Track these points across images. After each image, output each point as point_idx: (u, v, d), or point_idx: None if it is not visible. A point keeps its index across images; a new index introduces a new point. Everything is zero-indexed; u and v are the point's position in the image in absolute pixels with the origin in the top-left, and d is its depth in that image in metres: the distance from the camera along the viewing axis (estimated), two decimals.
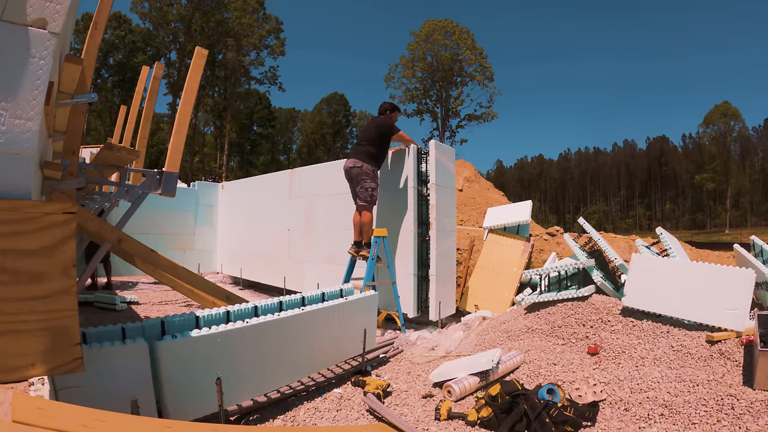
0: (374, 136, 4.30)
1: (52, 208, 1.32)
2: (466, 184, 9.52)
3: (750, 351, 2.70)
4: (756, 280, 3.66)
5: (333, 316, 3.01)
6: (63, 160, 2.40)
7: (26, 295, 1.27)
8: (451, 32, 36.09)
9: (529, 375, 2.94)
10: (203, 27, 32.58)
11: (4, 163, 1.28)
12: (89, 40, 2.54)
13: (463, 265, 6.15)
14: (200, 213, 8.74)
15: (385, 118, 4.52)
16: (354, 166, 4.18)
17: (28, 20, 1.29)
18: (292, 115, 50.47)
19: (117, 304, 5.32)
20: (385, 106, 4.63)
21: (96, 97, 2.01)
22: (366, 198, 4.17)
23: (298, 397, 2.79)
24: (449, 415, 2.45)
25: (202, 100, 34.66)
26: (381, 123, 4.43)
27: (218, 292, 3.97)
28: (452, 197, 4.94)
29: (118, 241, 3.35)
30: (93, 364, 1.76)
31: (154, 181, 2.92)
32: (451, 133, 37.79)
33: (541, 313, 3.86)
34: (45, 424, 0.97)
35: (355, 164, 4.17)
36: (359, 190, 4.18)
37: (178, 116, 3.26)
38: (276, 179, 7.10)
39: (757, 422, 2.12)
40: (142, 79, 5.95)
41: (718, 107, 52.79)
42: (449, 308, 4.75)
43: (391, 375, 3.27)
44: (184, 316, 2.40)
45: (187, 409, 2.12)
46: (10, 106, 1.29)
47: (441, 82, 37.17)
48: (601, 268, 4.30)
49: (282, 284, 6.34)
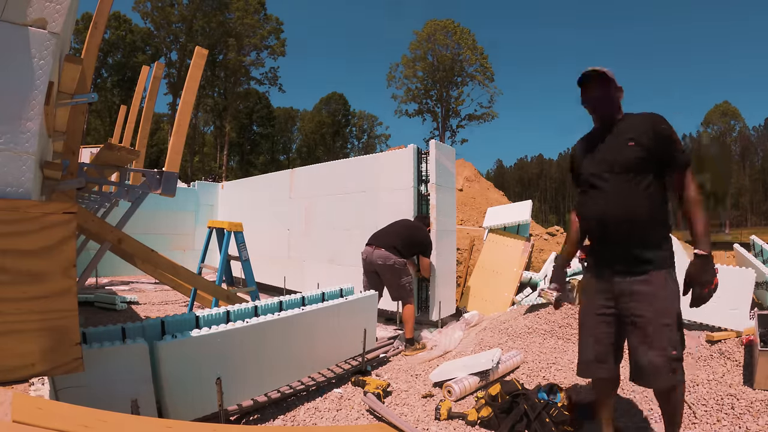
0: (408, 242, 3.92)
1: (52, 208, 1.32)
2: (466, 184, 9.53)
3: (750, 351, 2.70)
4: (756, 280, 3.67)
5: (333, 316, 3.01)
6: (63, 160, 2.40)
7: (26, 295, 1.27)
8: (453, 32, 36.13)
9: (529, 375, 2.94)
10: (204, 27, 32.60)
11: (4, 163, 1.28)
12: (89, 39, 2.54)
13: (463, 265, 6.15)
14: (200, 213, 8.75)
15: (425, 231, 4.20)
16: (385, 263, 3.78)
17: (28, 20, 1.29)
18: (291, 114, 50.40)
19: (117, 304, 5.32)
20: (426, 221, 4.36)
21: (96, 97, 2.01)
22: (405, 295, 3.87)
23: (299, 396, 2.79)
24: (449, 414, 2.45)
25: (202, 100, 34.66)
26: (421, 236, 4.09)
27: (218, 292, 3.97)
28: (452, 197, 4.95)
29: (118, 241, 3.35)
30: (93, 364, 1.76)
31: (154, 181, 2.91)
32: (451, 133, 37.86)
33: (541, 313, 3.86)
34: (45, 424, 0.97)
35: (386, 260, 3.78)
36: (397, 289, 3.87)
37: (178, 116, 3.26)
38: (276, 179, 7.11)
39: (757, 422, 2.12)
40: (142, 79, 5.95)
41: (718, 107, 52.74)
42: (449, 308, 4.76)
43: (391, 375, 3.27)
44: (184, 316, 2.40)
45: (187, 409, 2.12)
46: (10, 106, 1.29)
47: (442, 82, 37.19)
48: None
49: (282, 284, 6.34)
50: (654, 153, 1.75)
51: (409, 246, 3.93)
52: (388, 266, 3.78)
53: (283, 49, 36.63)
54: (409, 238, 3.96)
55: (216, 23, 32.83)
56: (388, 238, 3.90)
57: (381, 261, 3.79)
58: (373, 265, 3.84)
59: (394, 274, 3.81)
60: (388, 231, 4.01)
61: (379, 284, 3.93)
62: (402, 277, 3.83)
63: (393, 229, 4.02)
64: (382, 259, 3.79)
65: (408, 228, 4.08)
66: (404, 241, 3.90)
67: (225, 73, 35.61)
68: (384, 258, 3.78)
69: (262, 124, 44.29)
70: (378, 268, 3.84)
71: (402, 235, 3.94)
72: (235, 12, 33.53)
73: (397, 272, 3.81)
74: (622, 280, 1.79)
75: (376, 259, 3.80)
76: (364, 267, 3.95)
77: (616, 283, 1.81)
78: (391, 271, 3.80)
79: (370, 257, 3.85)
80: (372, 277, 3.92)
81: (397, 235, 3.92)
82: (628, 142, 1.79)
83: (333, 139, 48.89)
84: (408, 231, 4.03)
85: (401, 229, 4.04)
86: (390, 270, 3.80)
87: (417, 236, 4.04)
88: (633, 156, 1.76)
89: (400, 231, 4.00)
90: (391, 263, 3.78)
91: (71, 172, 2.41)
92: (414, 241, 3.99)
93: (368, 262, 3.88)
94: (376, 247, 3.84)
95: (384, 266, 3.79)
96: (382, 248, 3.82)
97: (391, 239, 3.88)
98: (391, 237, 3.91)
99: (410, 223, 4.22)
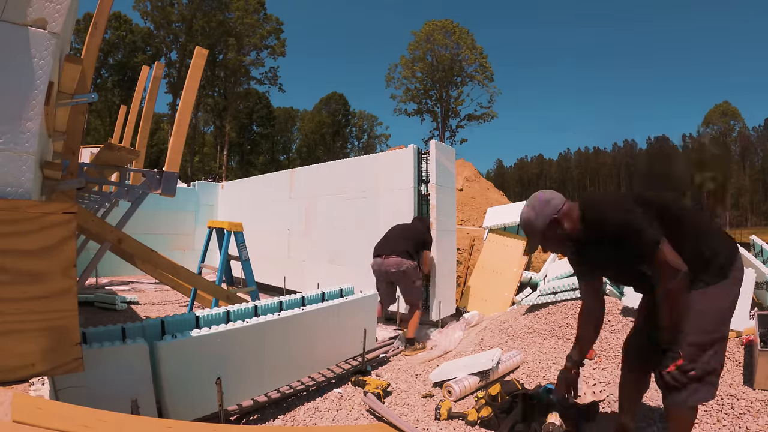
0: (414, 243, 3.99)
1: (52, 208, 1.32)
2: (466, 184, 9.53)
3: (750, 351, 2.70)
4: (756, 280, 3.67)
5: (333, 316, 3.01)
6: (63, 160, 2.40)
7: (26, 295, 1.27)
8: (452, 32, 36.12)
9: (529, 375, 2.94)
10: (204, 27, 32.60)
11: (4, 163, 1.28)
12: (89, 39, 2.54)
13: (463, 265, 6.15)
14: (200, 213, 8.75)
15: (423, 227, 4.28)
16: (399, 270, 3.82)
17: (28, 20, 1.29)
18: (290, 114, 50.39)
19: (117, 304, 5.32)
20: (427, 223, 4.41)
21: (96, 97, 2.01)
22: (418, 297, 3.94)
23: (299, 396, 2.79)
24: (449, 414, 2.45)
25: (202, 100, 34.67)
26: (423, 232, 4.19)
27: (218, 292, 3.97)
28: (452, 197, 4.95)
29: (118, 241, 3.35)
30: (93, 364, 1.76)
31: (154, 181, 2.91)
32: (451, 133, 37.89)
33: (541, 313, 3.86)
34: (45, 424, 0.97)
35: (399, 267, 3.81)
36: (411, 293, 3.93)
37: (178, 116, 3.26)
38: (276, 179, 7.11)
39: (757, 422, 2.12)
40: (142, 79, 5.95)
41: (718, 107, 52.74)
42: (449, 308, 4.76)
43: (391, 375, 3.27)
44: (184, 316, 2.40)
45: (187, 409, 2.12)
46: (10, 106, 1.29)
47: (441, 82, 37.20)
48: None
49: (282, 284, 6.34)
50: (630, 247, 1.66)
51: (417, 246, 4.00)
52: (402, 272, 3.83)
53: (284, 49, 36.68)
54: (415, 238, 4.02)
55: (216, 23, 32.85)
56: (396, 244, 3.93)
57: (394, 269, 3.82)
58: (387, 274, 3.87)
59: (409, 278, 3.86)
60: (392, 238, 4.04)
61: (393, 292, 4.00)
62: (416, 281, 3.90)
63: (397, 235, 4.06)
64: (396, 266, 3.82)
65: (409, 230, 4.14)
66: (412, 242, 3.97)
67: (225, 73, 35.63)
68: (397, 265, 3.82)
69: (262, 124, 44.29)
70: (392, 277, 3.88)
71: (408, 237, 4.00)
72: (235, 12, 33.55)
73: (411, 276, 3.87)
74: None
75: (389, 267, 3.83)
76: (376, 277, 3.99)
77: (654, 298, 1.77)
78: (406, 276, 3.85)
79: (382, 267, 3.88)
80: (388, 288, 3.99)
81: (404, 239, 3.97)
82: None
83: (333, 139, 48.88)
84: (411, 232, 4.10)
85: (403, 232, 4.09)
86: (404, 275, 3.85)
87: (420, 234, 4.10)
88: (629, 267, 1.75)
89: (404, 234, 4.05)
90: (405, 268, 3.82)
91: (71, 172, 2.41)
92: (420, 240, 4.05)
93: (381, 273, 3.91)
94: (386, 256, 3.87)
95: (398, 273, 3.83)
96: (393, 255, 3.84)
97: (400, 244, 3.91)
98: (399, 242, 3.94)
99: (408, 225, 4.28)
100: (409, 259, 3.84)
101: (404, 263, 3.81)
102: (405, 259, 3.82)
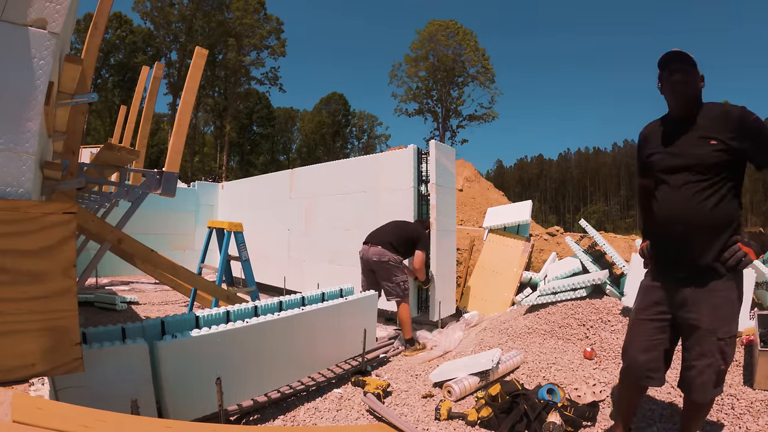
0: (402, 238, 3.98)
1: (52, 208, 1.32)
2: (466, 184, 9.53)
3: (750, 351, 2.70)
4: (756, 280, 3.67)
5: (333, 316, 3.01)
6: (63, 160, 2.40)
7: (26, 296, 1.27)
8: (455, 33, 36.10)
9: (529, 375, 2.94)
10: (204, 27, 32.59)
11: (4, 163, 1.28)
12: (89, 40, 2.54)
13: (463, 265, 6.15)
14: (200, 213, 8.75)
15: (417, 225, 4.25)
16: (380, 260, 3.81)
17: (28, 20, 1.29)
18: (290, 114, 50.38)
19: (117, 304, 5.32)
20: (427, 225, 4.39)
21: (96, 97, 2.01)
22: (400, 293, 3.86)
23: (298, 397, 2.79)
24: (449, 415, 2.45)
25: (202, 100, 34.66)
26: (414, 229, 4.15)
27: (218, 292, 3.97)
28: (452, 197, 4.95)
29: (118, 241, 3.35)
30: (93, 364, 1.76)
31: (154, 181, 2.91)
32: (451, 133, 37.86)
33: (541, 313, 3.86)
34: (45, 424, 0.97)
35: (381, 257, 3.81)
36: (390, 286, 3.85)
37: (178, 116, 3.26)
38: (276, 179, 7.11)
39: (757, 422, 2.12)
40: (142, 79, 5.95)
41: None
42: (449, 308, 4.76)
43: (391, 375, 3.27)
44: (184, 316, 2.40)
45: (187, 409, 2.12)
46: (10, 106, 1.29)
47: (442, 82, 37.18)
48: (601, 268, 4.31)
49: (282, 284, 6.34)
50: (737, 153, 1.60)
51: (404, 241, 3.99)
52: (382, 263, 3.83)
53: (284, 49, 36.63)
54: (404, 234, 4.03)
55: (216, 23, 32.82)
56: (383, 235, 3.98)
57: (376, 258, 3.84)
58: (369, 263, 3.90)
59: (388, 270, 3.85)
60: (383, 229, 4.10)
61: (376, 283, 3.96)
62: (395, 275, 3.86)
63: (388, 228, 4.11)
64: (377, 256, 3.84)
65: (400, 226, 4.16)
66: (399, 236, 3.98)
67: (225, 73, 35.59)
68: (379, 254, 3.83)
69: (262, 124, 44.28)
70: (373, 266, 3.89)
71: (396, 232, 4.03)
72: (235, 12, 33.50)
73: (391, 269, 3.84)
74: (684, 288, 1.70)
75: (372, 256, 3.86)
76: (361, 266, 4.01)
77: (678, 290, 1.72)
78: (385, 267, 3.84)
79: (366, 255, 3.92)
80: (369, 276, 3.98)
81: (392, 233, 4.01)
82: (709, 140, 1.63)
83: (333, 140, 48.86)
84: (402, 229, 4.11)
85: (395, 228, 4.12)
86: (384, 267, 3.84)
87: (410, 231, 4.11)
88: (713, 157, 1.61)
89: (393, 229, 4.09)
90: (386, 260, 3.82)
91: (71, 172, 2.41)
92: (408, 236, 4.05)
93: (364, 261, 3.94)
94: (372, 245, 3.91)
95: (378, 263, 3.84)
96: (377, 245, 3.88)
97: (386, 236, 3.96)
98: (386, 234, 3.99)
99: (404, 222, 4.30)
100: (392, 252, 3.85)
101: (386, 254, 3.82)
102: (388, 251, 3.84)
